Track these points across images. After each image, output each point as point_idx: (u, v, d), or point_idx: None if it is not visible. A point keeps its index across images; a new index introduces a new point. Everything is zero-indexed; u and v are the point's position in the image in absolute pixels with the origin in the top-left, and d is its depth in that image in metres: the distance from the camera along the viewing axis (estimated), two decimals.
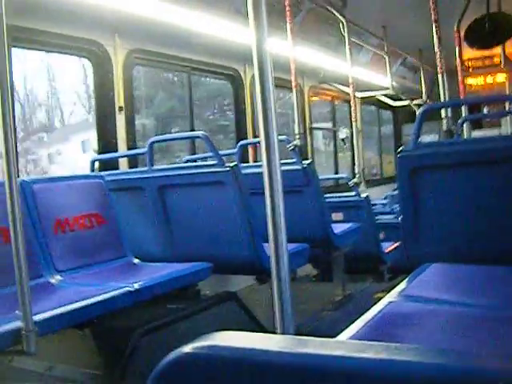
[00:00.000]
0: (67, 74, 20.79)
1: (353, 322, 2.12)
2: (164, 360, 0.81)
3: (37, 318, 2.63)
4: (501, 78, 10.58)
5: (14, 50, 4.61)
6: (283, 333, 1.83)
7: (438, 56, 5.36)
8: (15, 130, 2.62)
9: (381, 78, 9.90)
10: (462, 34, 6.81)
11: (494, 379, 0.65)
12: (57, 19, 4.74)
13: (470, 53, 8.53)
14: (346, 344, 0.87)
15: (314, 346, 0.79)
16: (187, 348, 0.80)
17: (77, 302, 2.98)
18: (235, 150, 5.47)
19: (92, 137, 9.22)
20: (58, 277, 3.65)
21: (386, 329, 2.08)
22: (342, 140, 10.17)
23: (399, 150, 3.44)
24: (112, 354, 3.43)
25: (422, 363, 0.70)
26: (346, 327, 2.06)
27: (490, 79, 11.16)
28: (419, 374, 0.68)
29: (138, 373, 3.17)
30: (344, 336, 1.97)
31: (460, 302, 2.36)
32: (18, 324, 2.54)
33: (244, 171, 4.05)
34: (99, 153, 5.31)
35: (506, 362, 0.69)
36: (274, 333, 1.87)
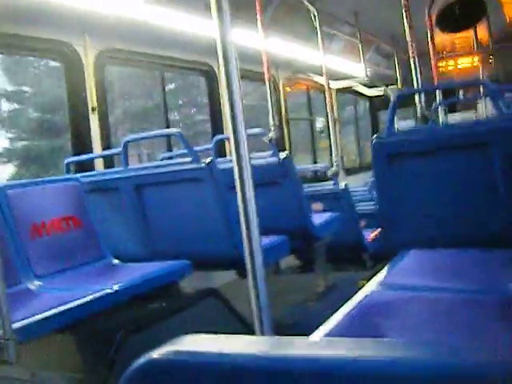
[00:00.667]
0: None
1: (336, 311, 2.12)
2: (132, 366, 0.79)
3: (17, 325, 2.61)
4: (474, 61, 10.63)
5: None
6: (261, 328, 1.83)
7: (409, 41, 5.37)
8: None
9: (355, 66, 9.91)
10: (434, 18, 6.84)
11: (474, 373, 0.64)
12: (24, 21, 4.69)
13: (442, 37, 8.55)
14: (319, 343, 0.86)
15: (290, 346, 0.78)
16: (154, 354, 0.79)
17: (57, 307, 2.95)
18: (211, 146, 5.45)
19: None
20: (37, 282, 3.61)
21: (366, 319, 2.08)
22: (320, 130, 10.18)
23: (373, 136, 3.44)
24: (95, 356, 3.41)
25: (397, 358, 0.69)
26: (329, 317, 2.06)
27: (463, 63, 11.21)
28: (395, 370, 0.67)
29: (121, 375, 3.15)
30: (325, 328, 1.97)
31: (439, 288, 2.37)
32: None
33: (221, 166, 4.03)
34: (73, 154, 5.26)
35: (481, 355, 0.69)
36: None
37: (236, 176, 1.83)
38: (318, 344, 0.82)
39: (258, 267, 1.86)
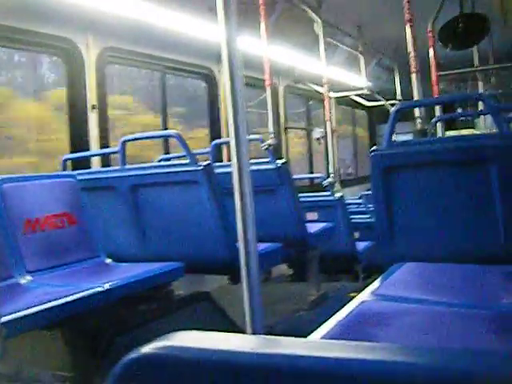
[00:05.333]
0: None
1: (325, 321, 2.11)
2: (122, 360, 0.78)
3: (4, 319, 2.58)
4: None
5: None
6: (253, 332, 1.82)
7: (411, 55, 5.38)
8: None
9: (355, 78, 9.93)
10: (436, 34, 6.85)
11: (466, 375, 0.64)
12: (27, 16, 4.69)
13: (444, 53, 8.59)
14: (312, 343, 0.85)
15: (280, 345, 0.77)
16: (144, 349, 0.78)
17: (47, 302, 2.92)
18: (209, 149, 5.44)
19: None
20: (29, 277, 3.59)
21: (357, 328, 2.07)
22: (317, 139, 10.18)
23: (372, 148, 3.43)
24: (83, 355, 3.38)
25: (392, 362, 0.68)
26: (320, 326, 2.05)
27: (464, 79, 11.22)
28: (389, 373, 0.66)
29: (109, 374, 3.13)
30: (316, 336, 1.96)
31: (432, 301, 2.36)
32: None
33: (218, 170, 4.03)
34: (71, 151, 5.25)
35: (477, 358, 0.68)
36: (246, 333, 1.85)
37: (235, 180, 1.83)
38: (309, 344, 0.81)
39: (253, 273, 1.85)
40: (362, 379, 0.67)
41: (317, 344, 0.77)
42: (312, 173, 10.42)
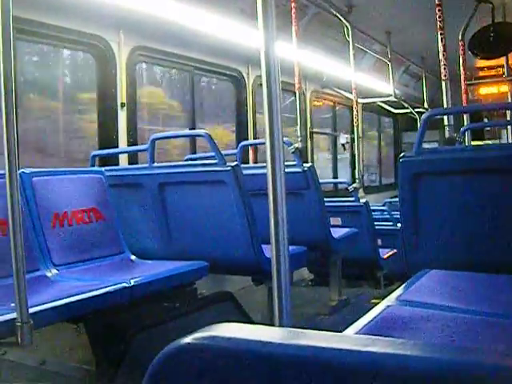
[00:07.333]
0: None
1: (348, 327, 2.11)
2: (164, 350, 0.79)
3: (32, 310, 2.61)
4: (504, 88, 10.56)
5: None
6: None
7: (442, 63, 5.36)
8: (17, 121, 2.60)
9: (383, 85, 9.91)
10: (467, 43, 6.83)
11: (493, 373, 0.64)
12: (62, 13, 4.74)
13: (477, 62, 8.54)
14: (349, 338, 0.86)
15: (315, 338, 0.78)
16: (186, 339, 0.79)
17: (72, 296, 2.95)
18: (236, 151, 5.46)
19: None
20: (55, 271, 3.63)
21: (382, 332, 2.07)
22: (343, 145, 10.18)
23: (401, 155, 3.43)
24: (106, 349, 3.41)
25: (426, 358, 0.69)
26: (341, 332, 2.05)
27: (493, 89, 11.15)
28: (423, 369, 0.67)
29: (131, 370, 3.16)
30: None
31: (457, 308, 2.35)
32: (13, 315, 2.52)
33: (244, 172, 4.04)
34: (99, 148, 5.30)
35: (503, 358, 0.69)
36: None
37: (269, 182, 1.84)
38: (350, 339, 0.82)
39: (283, 276, 1.86)
40: (394, 374, 0.68)
41: (360, 339, 0.78)
42: (336, 178, 10.41)
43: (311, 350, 0.74)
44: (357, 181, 7.10)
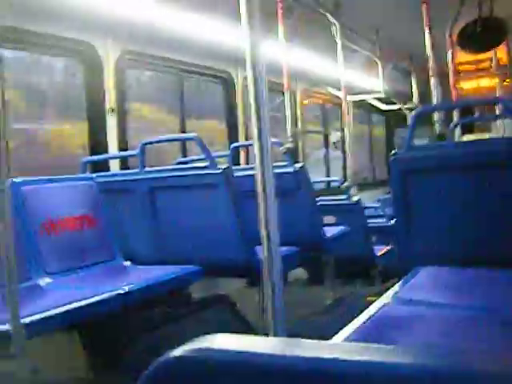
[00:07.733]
0: None
1: (344, 325, 2.10)
2: (153, 363, 0.78)
3: (24, 320, 2.59)
4: (492, 82, 10.56)
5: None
6: (275, 336, 1.82)
7: (430, 60, 5.37)
8: (8, 129, 2.58)
9: (373, 82, 9.90)
10: (455, 38, 6.84)
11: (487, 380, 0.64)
12: (47, 19, 4.70)
13: (460, 57, 8.54)
14: (341, 346, 0.85)
15: (308, 348, 0.77)
16: (177, 351, 0.78)
17: (66, 305, 2.93)
18: (227, 153, 5.44)
19: None
20: (48, 279, 3.61)
21: (379, 331, 2.07)
22: (334, 143, 10.17)
23: (392, 152, 3.42)
24: (101, 357, 3.39)
25: (415, 365, 0.68)
26: (337, 331, 2.04)
27: (481, 83, 11.13)
28: (415, 376, 0.66)
29: (127, 377, 3.14)
30: (338, 338, 1.95)
31: (453, 305, 2.35)
32: (6, 326, 2.50)
33: (235, 174, 4.03)
34: (90, 154, 5.27)
35: (496, 363, 0.68)
36: (266, 335, 1.85)
37: (258, 183, 1.83)
38: (341, 347, 0.81)
39: (275, 277, 1.85)
40: (385, 382, 0.67)
41: (350, 347, 0.77)
42: (329, 176, 10.40)
43: (303, 360, 0.73)
44: (348, 179, 7.08)
